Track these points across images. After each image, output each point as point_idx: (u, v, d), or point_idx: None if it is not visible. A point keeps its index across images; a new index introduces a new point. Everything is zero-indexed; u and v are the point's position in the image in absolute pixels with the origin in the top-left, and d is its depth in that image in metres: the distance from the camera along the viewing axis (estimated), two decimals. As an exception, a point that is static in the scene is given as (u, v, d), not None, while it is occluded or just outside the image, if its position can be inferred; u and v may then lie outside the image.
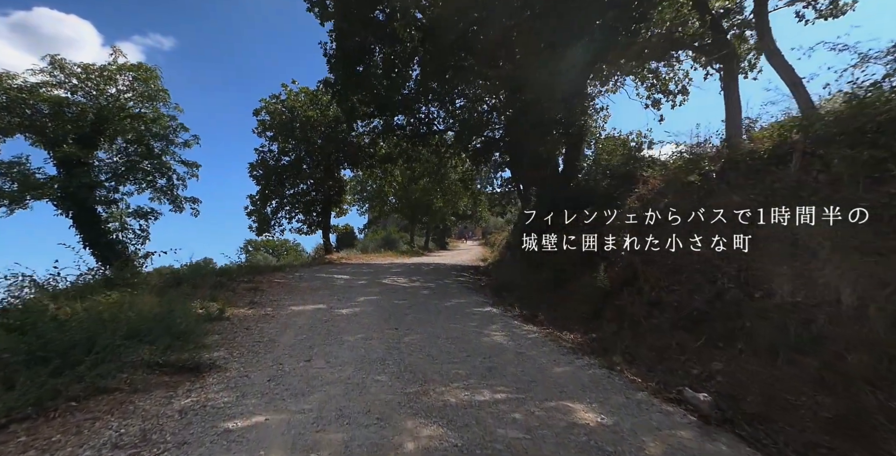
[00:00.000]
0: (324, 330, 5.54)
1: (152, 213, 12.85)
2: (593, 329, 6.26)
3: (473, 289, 11.05)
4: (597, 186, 9.22)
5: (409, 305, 7.77)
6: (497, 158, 20.28)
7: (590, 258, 8.59)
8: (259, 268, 11.77)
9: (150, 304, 5.32)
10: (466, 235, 65.05)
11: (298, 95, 20.01)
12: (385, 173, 22.63)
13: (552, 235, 11.32)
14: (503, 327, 6.25)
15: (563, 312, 7.70)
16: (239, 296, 7.66)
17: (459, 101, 18.89)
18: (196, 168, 13.77)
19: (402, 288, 10.22)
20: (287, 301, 7.61)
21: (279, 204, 20.92)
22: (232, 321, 5.73)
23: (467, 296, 9.62)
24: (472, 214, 40.95)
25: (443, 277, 13.41)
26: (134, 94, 12.24)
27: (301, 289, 9.06)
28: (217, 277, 9.26)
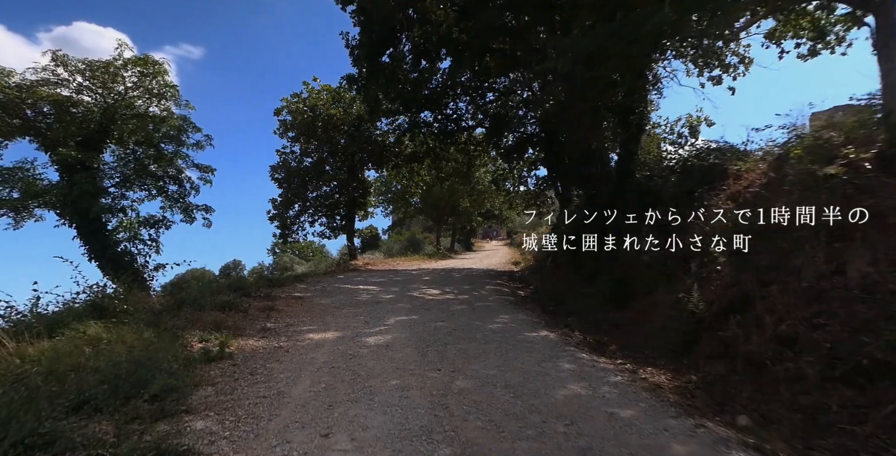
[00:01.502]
0: (348, 373, 4.37)
1: (163, 221, 11.88)
2: (687, 368, 4.92)
3: (516, 303, 9.76)
4: (665, 183, 7.81)
5: (448, 328, 6.56)
6: (531, 155, 18.93)
7: (661, 269, 7.21)
8: (279, 280, 10.76)
9: (134, 341, 4.25)
10: (491, 235, 63.92)
11: (320, 93, 19.07)
12: (411, 173, 21.49)
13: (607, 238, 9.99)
14: (572, 364, 4.96)
15: (635, 338, 6.33)
16: (251, 319, 6.59)
17: (490, 94, 17.64)
18: (211, 173, 12.90)
19: (436, 303, 9.02)
20: (305, 326, 6.49)
21: (301, 207, 20.05)
22: (235, 360, 4.63)
23: (511, 312, 8.35)
24: (499, 215, 39.66)
25: (477, 287, 12.17)
26: (141, 92, 11.43)
27: (322, 307, 7.96)
28: (231, 293, 8.26)
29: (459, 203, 32.39)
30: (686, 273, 6.26)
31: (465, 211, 34.69)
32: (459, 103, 17.95)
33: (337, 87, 19.14)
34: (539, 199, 19.20)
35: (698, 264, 6.02)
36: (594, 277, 10.07)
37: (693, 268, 6.17)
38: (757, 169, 5.95)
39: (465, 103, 17.97)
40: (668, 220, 7.16)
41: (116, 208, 10.84)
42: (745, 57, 12.33)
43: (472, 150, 19.35)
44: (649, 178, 8.49)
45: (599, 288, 9.26)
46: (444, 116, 17.79)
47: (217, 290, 8.16)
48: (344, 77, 12.67)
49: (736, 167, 6.41)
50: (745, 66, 12.61)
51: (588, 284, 10.16)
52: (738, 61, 12.46)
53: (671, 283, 6.65)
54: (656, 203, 8.04)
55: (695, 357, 4.99)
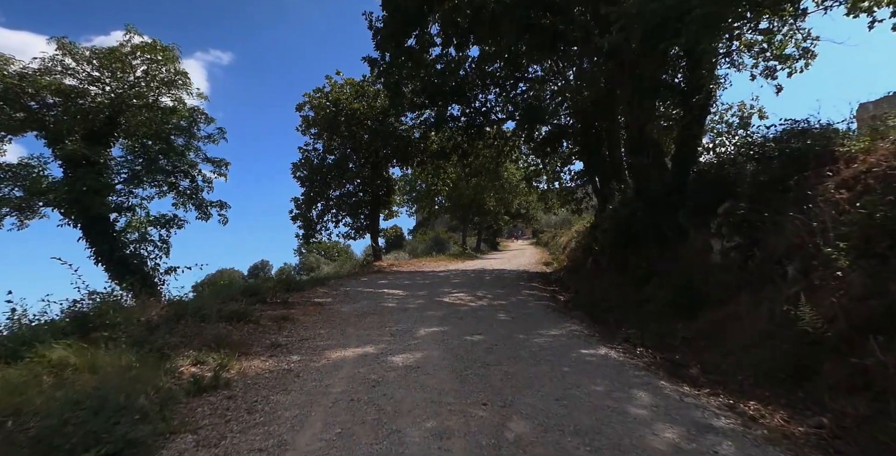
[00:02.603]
0: (371, 409, 3.44)
1: (175, 220, 11.07)
2: (806, 403, 3.80)
3: (558, 310, 8.71)
4: (740, 171, 6.61)
5: (487, 343, 5.57)
6: (565, 149, 17.75)
7: (742, 273, 6.03)
8: (298, 284, 9.98)
9: (110, 367, 3.43)
10: (516, 234, 63.03)
11: (343, 87, 18.37)
12: (437, 170, 20.56)
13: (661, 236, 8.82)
14: (652, 395, 3.91)
15: (715, 358, 5.20)
16: (261, 332, 5.75)
17: (521, 85, 16.56)
18: (225, 167, 12.15)
19: (469, 310, 8.05)
20: (323, 340, 5.60)
21: (325, 206, 19.40)
22: (233, 390, 3.76)
23: (557, 322, 7.31)
24: (525, 213, 38.56)
25: (512, 291, 11.14)
26: (150, 80, 10.73)
27: (344, 316, 7.08)
28: (245, 298, 7.49)
29: (486, 202, 31.36)
30: (782, 279, 5.11)
31: (492, 210, 33.68)
32: (489, 95, 16.99)
33: (360, 81, 18.42)
34: (574, 195, 17.99)
35: (800, 269, 4.86)
36: (647, 280, 8.89)
37: (792, 272, 5.01)
38: (879, 150, 4.74)
39: (495, 95, 16.98)
40: (749, 214, 5.99)
41: (124, 207, 10.26)
42: (808, 49, 10.89)
43: (501, 145, 18.30)
44: (719, 166, 7.28)
45: (656, 293, 8.10)
46: (473, 109, 16.83)
47: (229, 296, 7.41)
48: (365, 58, 11.81)
49: (845, 148, 5.20)
50: (808, 58, 11.15)
51: (640, 289, 8.99)
52: (800, 54, 11.04)
53: (757, 290, 5.50)
54: (728, 195, 6.87)
55: (815, 389, 3.86)
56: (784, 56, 11.04)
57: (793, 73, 11.69)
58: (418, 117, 18.29)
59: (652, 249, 9.08)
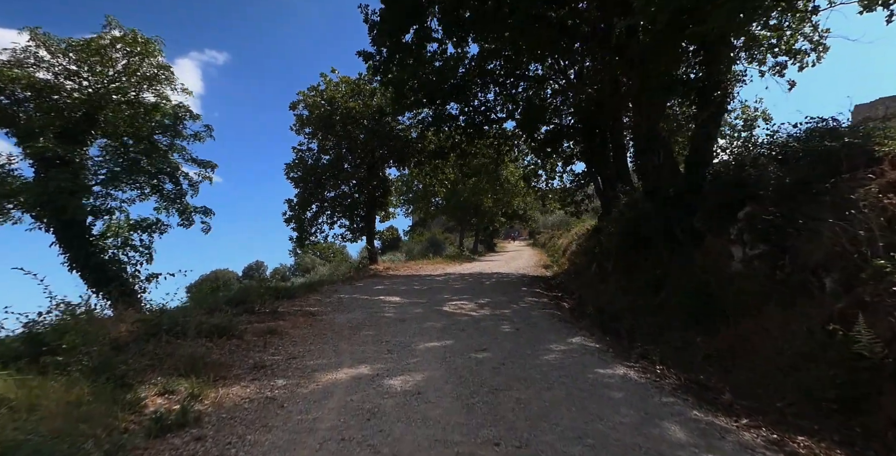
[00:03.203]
0: (365, 454, 2.92)
1: (157, 225, 10.28)
2: (865, 439, 3.32)
3: (564, 319, 8.23)
4: (762, 173, 6.14)
5: (493, 361, 5.08)
6: (566, 149, 17.29)
7: (768, 283, 5.55)
8: (289, 290, 9.45)
9: (56, 403, 2.90)
10: (513, 235, 62.87)
11: (339, 85, 17.83)
12: (435, 170, 20.03)
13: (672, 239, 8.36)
14: (686, 430, 3.41)
15: (744, 378, 4.72)
16: (244, 350, 5.21)
17: (521, 84, 16.09)
18: (211, 169, 11.41)
19: (471, 320, 7.55)
20: (313, 358, 5.07)
21: (319, 208, 18.84)
22: (203, 428, 3.22)
23: (564, 333, 6.83)
24: (523, 214, 38.16)
25: (513, 297, 10.65)
26: (130, 74, 10.01)
27: (337, 329, 6.55)
28: (231, 308, 6.95)
29: (483, 202, 30.91)
30: (820, 291, 4.64)
31: (489, 211, 33.25)
32: (488, 94, 16.54)
33: (356, 79, 17.90)
34: (575, 196, 17.53)
35: (841, 281, 4.39)
36: (658, 286, 8.43)
37: (830, 285, 4.54)
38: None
39: (494, 94, 16.52)
40: (777, 219, 5.52)
41: (102, 210, 9.59)
42: (819, 42, 10.48)
43: (500, 145, 17.83)
44: (737, 167, 6.81)
45: (668, 301, 7.63)
46: (472, 108, 16.37)
47: (214, 305, 6.87)
48: (360, 52, 11.25)
49: (887, 148, 4.73)
50: (819, 51, 10.74)
51: (649, 295, 8.53)
52: (812, 48, 10.64)
53: (788, 302, 5.03)
54: (749, 198, 6.40)
55: (873, 423, 3.38)
56: (794, 50, 10.63)
57: (804, 68, 11.31)
58: (416, 117, 17.81)
59: (663, 254, 8.62)
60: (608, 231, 12.15)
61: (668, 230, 8.43)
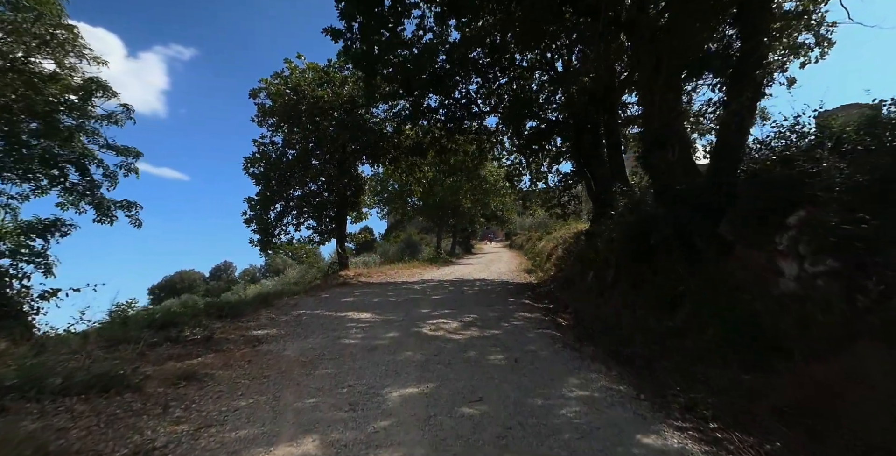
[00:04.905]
0: None
1: (58, 225, 8.15)
2: None
3: (568, 344, 6.89)
4: (823, 172, 4.95)
5: (495, 424, 3.68)
6: (553, 148, 16.11)
7: (844, 312, 4.35)
8: (236, 306, 7.85)
9: None
10: (489, 236, 62.66)
11: (305, 73, 16.18)
12: (411, 168, 18.55)
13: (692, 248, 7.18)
14: None
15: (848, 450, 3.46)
16: (131, 415, 3.53)
17: (508, 74, 14.83)
18: (135, 157, 9.51)
19: (458, 347, 6.16)
20: (236, 429, 3.49)
21: (284, 208, 17.11)
22: None
23: (574, 368, 5.51)
24: (501, 215, 37.21)
25: (502, 312, 9.30)
26: (17, 33, 7.73)
27: (285, 366, 5.03)
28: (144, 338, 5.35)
29: (462, 203, 29.65)
30: None
31: (468, 211, 32.07)
32: (470, 86, 15.22)
33: (325, 66, 16.28)
34: (561, 197, 16.34)
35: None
36: (674, 305, 7.22)
37: None
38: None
39: (477, 85, 15.22)
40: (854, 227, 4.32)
41: (-27, 208, 7.55)
42: (824, 37, 9.61)
43: (483, 142, 16.51)
44: (783, 162, 5.60)
45: (692, 325, 6.40)
46: (453, 100, 15.02)
47: (122, 334, 5.25)
48: (326, 29, 9.67)
49: None
50: (825, 47, 9.87)
51: (663, 315, 7.31)
52: (815, 42, 9.76)
53: (888, 339, 3.80)
54: (803, 200, 5.20)
55: None
56: (795, 45, 9.70)
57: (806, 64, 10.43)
58: (391, 109, 16.34)
59: (678, 266, 7.42)
60: (607, 236, 10.95)
61: (684, 238, 7.23)
